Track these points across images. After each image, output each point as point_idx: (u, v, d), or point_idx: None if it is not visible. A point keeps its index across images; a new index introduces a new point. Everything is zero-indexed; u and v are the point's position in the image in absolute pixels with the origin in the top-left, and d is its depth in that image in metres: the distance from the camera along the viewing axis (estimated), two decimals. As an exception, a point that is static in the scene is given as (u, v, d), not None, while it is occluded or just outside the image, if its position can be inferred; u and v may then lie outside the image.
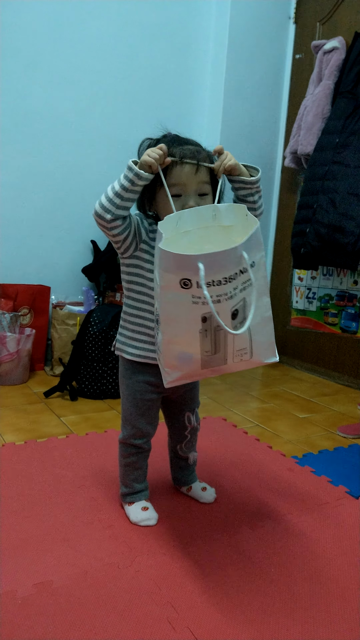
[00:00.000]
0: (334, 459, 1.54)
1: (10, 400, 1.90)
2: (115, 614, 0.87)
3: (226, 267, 0.84)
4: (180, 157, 1.00)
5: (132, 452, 1.16)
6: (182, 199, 1.02)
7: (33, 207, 2.26)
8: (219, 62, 2.48)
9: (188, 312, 0.87)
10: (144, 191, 1.05)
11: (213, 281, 0.83)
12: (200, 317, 0.87)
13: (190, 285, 0.84)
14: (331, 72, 2.08)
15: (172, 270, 0.84)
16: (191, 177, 1.01)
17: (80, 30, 2.22)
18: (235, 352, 0.92)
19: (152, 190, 1.05)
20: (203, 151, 1.05)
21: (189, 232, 0.95)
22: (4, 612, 0.85)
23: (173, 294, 0.86)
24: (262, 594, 0.94)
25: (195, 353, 0.91)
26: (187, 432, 1.22)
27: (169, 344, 0.92)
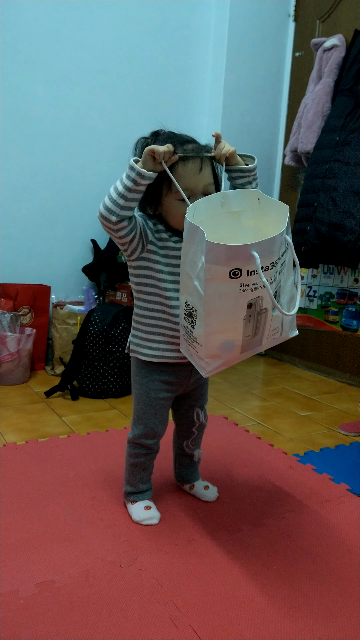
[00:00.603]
0: (335, 457, 1.54)
1: (11, 400, 1.90)
2: (117, 612, 0.87)
3: (274, 252, 0.87)
4: (185, 165, 0.99)
5: (142, 452, 1.15)
6: (190, 201, 1.00)
7: (33, 207, 2.26)
8: (218, 61, 2.48)
9: (235, 301, 0.89)
10: (147, 193, 1.04)
11: (263, 267, 0.86)
12: (246, 304, 0.90)
13: (240, 274, 0.86)
14: (331, 70, 2.08)
15: (223, 262, 0.85)
16: (197, 177, 1.01)
17: (80, 30, 2.21)
18: (270, 332, 0.97)
19: (158, 194, 1.03)
20: (204, 148, 1.04)
21: (202, 221, 0.95)
22: (6, 611, 0.85)
23: (220, 284, 0.88)
24: (264, 592, 0.94)
25: (237, 339, 0.94)
26: (194, 429, 1.22)
27: (212, 334, 0.93)
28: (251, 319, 0.92)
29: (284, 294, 0.96)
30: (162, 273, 1.05)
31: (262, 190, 1.08)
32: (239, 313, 0.90)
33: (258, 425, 1.79)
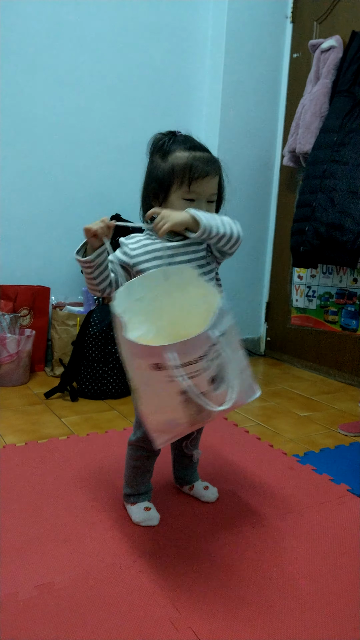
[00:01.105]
0: (335, 457, 1.54)
1: (11, 401, 1.90)
2: (117, 614, 0.86)
3: (197, 349, 0.83)
4: (190, 165, 1.01)
5: (143, 455, 1.16)
6: (194, 204, 1.04)
7: (33, 208, 2.26)
8: (216, 62, 2.48)
9: (166, 389, 0.86)
10: (154, 187, 1.05)
11: (186, 362, 0.82)
12: (179, 391, 0.85)
13: (164, 368, 0.82)
14: (329, 70, 2.08)
15: (142, 357, 0.84)
16: (207, 186, 1.04)
17: (80, 33, 2.22)
18: (222, 403, 0.92)
19: (167, 190, 1.04)
20: (215, 161, 1.06)
21: (143, 297, 0.96)
22: (6, 614, 0.85)
23: (147, 374, 0.85)
24: (264, 594, 0.94)
25: (181, 418, 0.90)
26: None
27: (151, 415, 0.93)
28: (190, 401, 0.87)
29: (231, 369, 0.90)
30: None
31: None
32: (174, 398, 0.86)
33: (258, 425, 1.79)
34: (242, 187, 2.59)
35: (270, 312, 2.81)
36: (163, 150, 1.05)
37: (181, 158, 1.03)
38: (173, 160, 1.03)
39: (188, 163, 1.02)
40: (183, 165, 1.02)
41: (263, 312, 2.83)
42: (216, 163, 1.06)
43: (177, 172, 1.03)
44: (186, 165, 1.02)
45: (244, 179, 2.59)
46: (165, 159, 1.04)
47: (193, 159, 1.02)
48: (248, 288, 2.75)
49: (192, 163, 1.02)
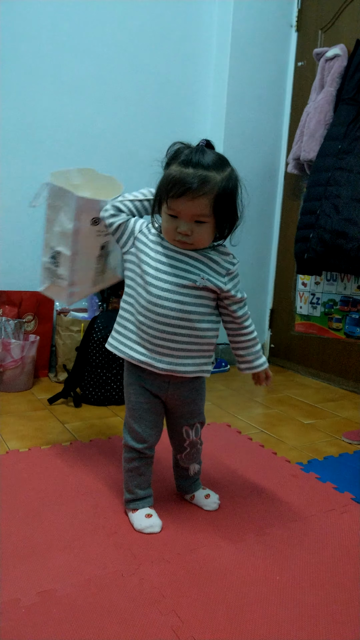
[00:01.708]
0: (339, 465, 1.54)
1: (15, 407, 1.90)
2: (119, 622, 0.86)
3: None
4: (169, 182, 1.00)
5: (135, 456, 1.15)
6: (177, 221, 1.03)
7: (37, 215, 2.27)
8: (221, 70, 2.50)
9: (93, 243, 1.30)
10: (155, 200, 1.08)
11: None
12: (100, 245, 1.31)
13: (98, 222, 1.24)
14: (333, 79, 2.09)
15: (88, 211, 1.23)
16: (185, 206, 1.00)
17: (84, 40, 2.24)
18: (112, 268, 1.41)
19: (159, 201, 1.06)
20: (206, 181, 0.99)
21: (78, 186, 1.31)
22: (8, 620, 0.85)
23: (86, 230, 1.26)
24: (267, 602, 0.93)
25: (91, 274, 1.35)
26: (186, 445, 1.21)
27: (73, 272, 1.33)
28: (102, 258, 1.33)
29: None
30: (147, 275, 1.08)
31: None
32: (94, 252, 1.31)
33: (261, 433, 1.79)
34: (247, 195, 2.59)
35: (274, 319, 2.81)
36: (170, 159, 1.05)
37: (171, 172, 1.01)
38: (166, 172, 1.03)
39: (170, 178, 1.00)
40: (167, 180, 1.01)
41: (267, 319, 2.83)
42: (207, 183, 0.99)
43: (162, 186, 1.03)
44: (169, 181, 1.00)
45: (248, 186, 2.57)
46: (165, 169, 1.05)
47: (178, 175, 0.99)
48: (252, 295, 2.74)
49: (172, 179, 0.99)
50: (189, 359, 1.10)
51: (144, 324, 1.08)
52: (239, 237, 1.15)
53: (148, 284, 1.07)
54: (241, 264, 2.75)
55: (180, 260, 1.08)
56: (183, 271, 1.07)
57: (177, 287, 1.06)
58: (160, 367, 1.09)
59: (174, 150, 1.05)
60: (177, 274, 1.07)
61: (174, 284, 1.06)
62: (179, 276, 1.07)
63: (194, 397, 1.19)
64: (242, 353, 1.17)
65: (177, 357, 1.09)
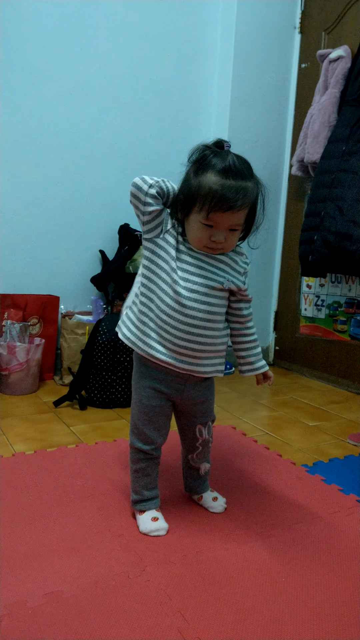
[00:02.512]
0: (344, 468, 1.53)
1: (20, 409, 1.91)
2: (125, 623, 0.86)
3: None
4: (213, 195, 0.97)
5: (141, 457, 1.16)
6: (211, 230, 1.02)
7: (42, 218, 2.29)
8: (225, 73, 2.51)
9: None
10: (180, 205, 1.03)
11: None
12: None
13: None
14: (337, 80, 2.09)
15: None
16: (226, 219, 1.00)
17: (88, 44, 2.25)
18: None
19: (189, 208, 1.02)
20: (247, 193, 0.99)
21: None
22: (15, 621, 0.85)
23: None
24: (272, 604, 0.93)
25: None
26: (198, 444, 1.22)
27: None
28: None
29: None
30: (165, 272, 1.06)
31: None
32: None
33: (266, 435, 1.78)
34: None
35: (279, 322, 2.81)
36: (198, 164, 1.00)
37: (208, 182, 0.97)
38: (201, 181, 0.98)
39: (212, 191, 0.96)
40: (207, 192, 0.97)
41: (272, 322, 2.83)
42: (248, 194, 0.99)
43: (200, 196, 0.98)
44: (209, 193, 0.97)
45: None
46: (197, 176, 0.99)
47: (220, 188, 0.96)
48: (257, 297, 2.75)
49: (215, 193, 0.96)
50: (208, 359, 1.11)
51: (168, 323, 1.06)
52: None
53: (176, 284, 1.05)
54: (246, 266, 2.68)
55: (207, 262, 1.07)
56: (211, 273, 1.07)
57: (207, 289, 1.06)
58: (181, 367, 1.09)
59: (202, 156, 1.00)
60: (206, 275, 1.07)
61: (203, 286, 1.06)
62: (207, 278, 1.07)
63: (208, 396, 1.20)
64: (244, 354, 1.17)
65: (198, 358, 1.09)
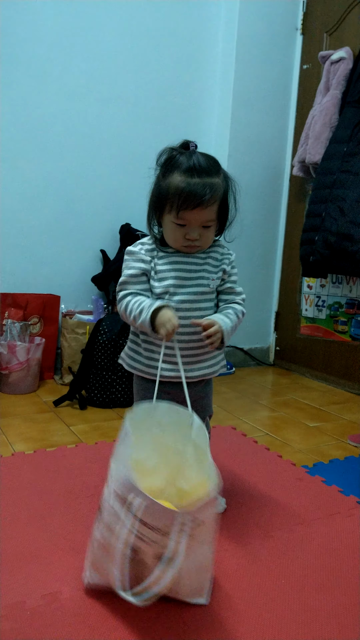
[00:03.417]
0: (344, 469, 1.53)
1: (20, 409, 1.91)
2: (123, 625, 0.86)
3: (160, 520, 0.80)
4: (179, 194, 0.99)
5: None
6: (185, 229, 1.04)
7: (43, 217, 2.29)
8: (227, 73, 2.51)
9: (124, 534, 0.83)
10: (153, 208, 1.07)
11: (144, 522, 0.80)
12: (131, 545, 0.83)
13: (128, 508, 0.81)
14: (338, 82, 2.09)
15: (125, 486, 0.83)
16: (197, 216, 1.02)
17: (90, 43, 2.25)
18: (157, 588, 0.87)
19: (160, 210, 1.06)
20: (214, 188, 1.00)
21: (168, 425, 0.96)
22: (13, 622, 0.85)
23: (119, 506, 0.83)
24: (272, 606, 0.93)
25: (118, 571, 0.85)
26: None
27: (100, 548, 0.88)
28: (132, 563, 0.84)
29: (187, 560, 0.83)
30: (166, 285, 1.08)
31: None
32: (124, 548, 0.83)
33: (266, 435, 1.78)
34: (252, 197, 2.60)
35: (280, 322, 2.81)
36: (166, 166, 1.04)
37: (175, 182, 1.00)
38: (169, 182, 1.02)
39: (178, 190, 0.99)
40: (174, 191, 1.00)
41: (272, 322, 2.83)
42: (215, 190, 1.01)
43: (169, 197, 1.01)
44: (176, 192, 1.00)
45: (253, 189, 2.60)
46: (165, 178, 1.03)
47: (186, 186, 0.99)
48: (257, 297, 2.75)
49: (182, 191, 0.99)
50: (212, 359, 1.14)
51: None
52: (244, 240, 1.16)
53: (170, 300, 1.08)
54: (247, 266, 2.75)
55: (190, 270, 1.09)
56: (196, 279, 1.09)
57: (196, 296, 1.09)
58: (192, 375, 1.10)
59: (168, 158, 1.04)
60: (193, 283, 1.09)
61: (192, 294, 1.09)
62: (194, 285, 1.09)
63: (207, 392, 1.21)
64: (221, 309, 1.13)
65: (204, 361, 1.12)
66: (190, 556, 0.83)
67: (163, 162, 1.05)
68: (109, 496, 0.87)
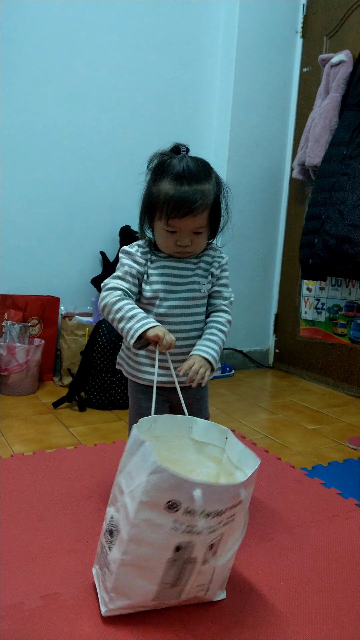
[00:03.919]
0: (343, 471, 1.53)
1: (19, 410, 1.90)
2: (122, 625, 0.86)
3: (222, 500, 0.77)
4: (169, 202, 0.98)
5: None
6: (176, 235, 1.04)
7: (43, 219, 2.29)
8: (227, 76, 2.51)
9: (163, 538, 0.78)
10: (144, 213, 1.07)
11: (205, 512, 0.76)
12: (174, 545, 0.78)
13: (178, 509, 0.76)
14: (338, 85, 2.10)
15: (164, 489, 0.76)
16: (187, 223, 1.01)
17: (90, 46, 2.26)
18: (194, 587, 0.86)
19: (152, 216, 1.06)
20: (204, 195, 0.99)
21: (160, 436, 0.93)
22: (11, 623, 0.85)
23: (153, 512, 0.77)
24: (270, 608, 0.92)
25: (153, 583, 0.81)
26: None
27: (126, 566, 0.81)
28: (176, 564, 0.80)
29: (223, 550, 0.83)
30: (147, 293, 1.09)
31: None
32: (164, 552, 0.79)
33: (265, 438, 1.78)
34: (252, 200, 2.60)
35: (279, 324, 2.81)
36: (156, 172, 1.03)
37: (165, 190, 1.00)
38: (159, 188, 1.01)
39: (167, 198, 0.98)
40: (163, 199, 0.99)
41: (272, 324, 2.83)
42: (205, 197, 0.99)
43: (158, 204, 1.01)
44: (165, 201, 0.99)
45: (253, 192, 2.61)
46: (155, 184, 1.03)
47: (175, 194, 0.98)
48: (257, 300, 2.76)
49: (171, 199, 0.98)
50: None
51: None
52: (244, 243, 1.16)
53: (161, 305, 1.09)
54: (246, 269, 2.75)
55: (181, 275, 1.10)
56: (187, 284, 1.10)
57: (187, 301, 1.10)
58: (185, 380, 1.10)
59: (159, 163, 1.04)
60: (184, 288, 1.09)
61: (183, 299, 1.09)
62: (185, 290, 1.09)
63: (203, 394, 1.21)
64: (205, 333, 1.11)
65: None
66: (231, 541, 0.82)
67: (154, 167, 1.05)
68: (130, 510, 0.80)
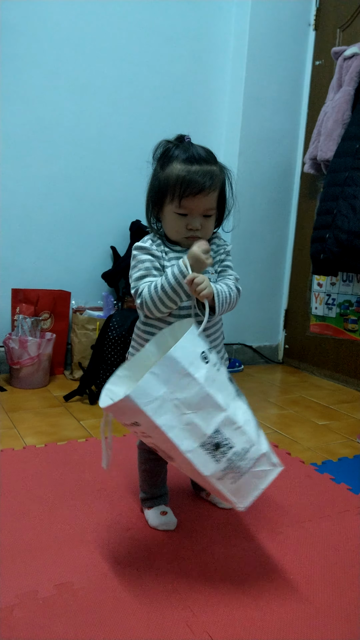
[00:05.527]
0: (353, 467, 1.53)
1: (31, 403, 1.93)
2: (134, 616, 0.87)
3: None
4: (182, 181, 0.99)
5: (150, 457, 1.16)
6: (187, 219, 1.04)
7: (54, 214, 2.30)
8: (238, 69, 2.50)
9: None
10: (152, 202, 1.07)
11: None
12: None
13: None
14: (351, 78, 2.08)
15: None
16: (199, 203, 1.02)
17: (100, 40, 2.26)
18: None
19: (160, 203, 1.06)
20: (214, 176, 1.01)
21: None
22: (26, 611, 0.87)
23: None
24: (280, 601, 0.93)
25: None
26: None
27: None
28: None
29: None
30: None
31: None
32: None
33: (275, 433, 1.79)
34: (263, 194, 2.59)
35: (289, 320, 2.80)
36: (163, 159, 1.05)
37: (175, 171, 1.01)
38: (168, 172, 1.02)
39: (180, 178, 1.00)
40: (175, 180, 1.01)
41: (282, 320, 2.83)
42: (215, 177, 1.02)
43: (170, 186, 1.02)
44: (177, 180, 1.00)
45: (264, 186, 2.60)
46: (163, 169, 1.04)
47: (187, 174, 1.00)
48: (267, 295, 2.75)
49: (183, 179, 1.00)
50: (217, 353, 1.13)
51: None
52: (255, 237, 1.16)
53: None
54: (257, 264, 2.74)
55: None
56: None
57: None
58: None
59: (165, 150, 1.06)
60: None
61: None
62: None
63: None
64: None
65: None
66: None
67: (160, 155, 1.06)
68: None
